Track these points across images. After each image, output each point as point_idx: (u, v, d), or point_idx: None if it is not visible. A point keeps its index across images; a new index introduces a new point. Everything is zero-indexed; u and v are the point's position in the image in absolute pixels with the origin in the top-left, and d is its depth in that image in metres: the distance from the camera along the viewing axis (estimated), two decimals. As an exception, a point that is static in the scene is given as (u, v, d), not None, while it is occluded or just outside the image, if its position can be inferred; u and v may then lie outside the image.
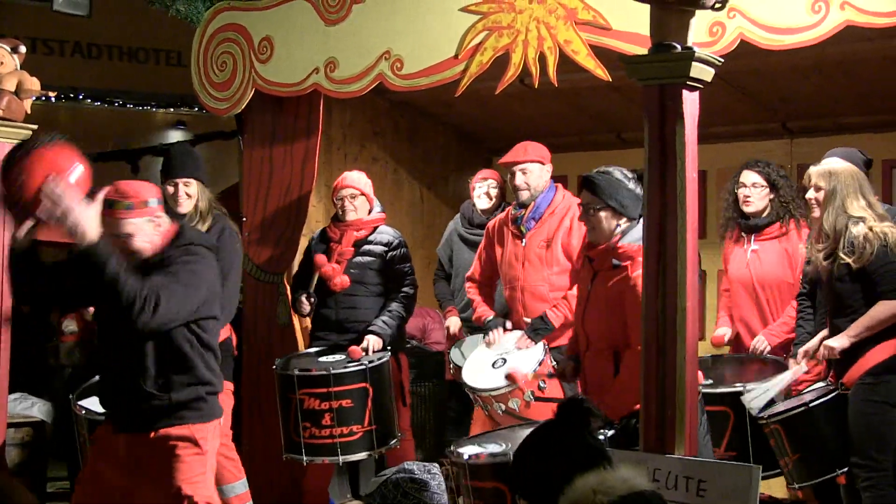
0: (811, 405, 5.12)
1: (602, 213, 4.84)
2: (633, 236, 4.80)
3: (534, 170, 6.12)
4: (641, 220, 4.81)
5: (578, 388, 5.63)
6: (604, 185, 4.85)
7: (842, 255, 4.97)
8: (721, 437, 5.45)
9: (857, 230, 4.95)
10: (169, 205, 5.89)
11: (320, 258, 6.43)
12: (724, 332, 6.26)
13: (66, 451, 7.91)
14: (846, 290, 5.00)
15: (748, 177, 6.11)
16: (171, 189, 5.91)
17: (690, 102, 4.08)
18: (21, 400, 7.85)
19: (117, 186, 4.41)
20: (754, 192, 6.07)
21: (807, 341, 5.51)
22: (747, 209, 6.10)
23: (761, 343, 5.97)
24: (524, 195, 6.12)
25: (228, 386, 5.91)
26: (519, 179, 6.13)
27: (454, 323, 6.80)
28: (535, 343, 5.74)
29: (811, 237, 5.39)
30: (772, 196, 6.08)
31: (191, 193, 5.91)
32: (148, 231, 4.37)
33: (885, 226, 4.98)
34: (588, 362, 5.03)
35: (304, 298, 6.41)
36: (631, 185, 4.85)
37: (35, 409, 8.17)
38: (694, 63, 4.02)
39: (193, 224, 5.80)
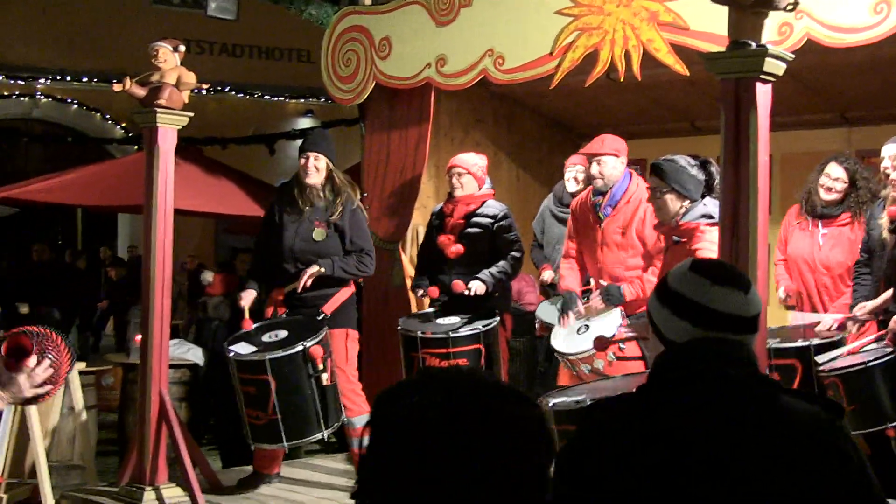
0: (869, 364, 4.94)
1: (667, 196, 4.83)
2: (692, 215, 4.79)
3: (608, 161, 5.84)
4: (703, 200, 4.72)
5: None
6: (669, 170, 4.84)
7: None
8: (790, 386, 5.31)
9: None
10: (300, 179, 5.90)
11: (440, 238, 6.38)
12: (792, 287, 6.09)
13: (215, 389, 8.05)
14: None
15: (834, 170, 5.86)
16: (303, 161, 5.87)
17: (763, 94, 3.95)
18: (179, 345, 8.00)
19: None
20: (834, 185, 5.84)
21: (862, 302, 5.36)
22: (827, 197, 5.87)
23: (825, 325, 5.73)
24: (598, 184, 5.86)
25: (355, 334, 5.95)
26: (594, 170, 5.88)
27: (547, 275, 6.71)
28: (606, 306, 5.61)
29: (882, 209, 5.16)
30: (850, 191, 5.83)
31: (319, 167, 5.87)
32: None
33: None
34: None
35: (419, 294, 6.41)
36: (693, 171, 4.82)
37: (190, 353, 8.31)
38: (767, 58, 3.88)
39: (325, 197, 5.83)
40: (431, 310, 6.39)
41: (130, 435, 6.78)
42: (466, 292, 6.08)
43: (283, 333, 5.69)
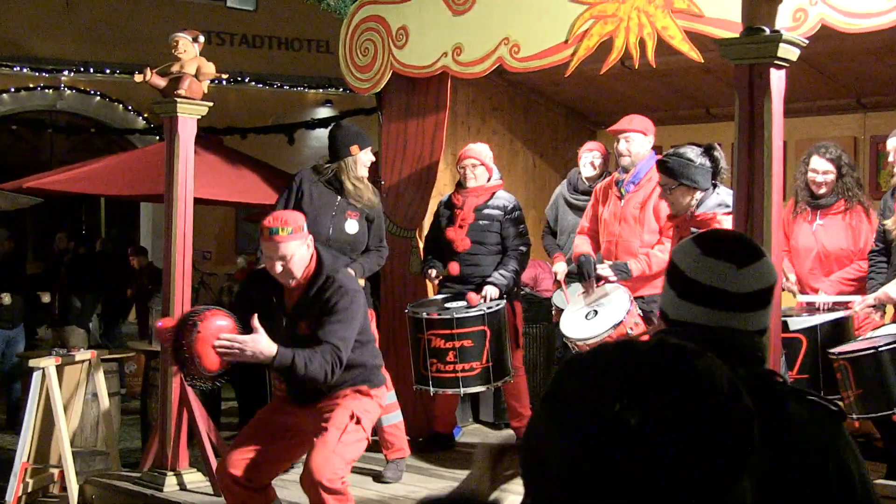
0: (880, 349, 4.90)
1: (677, 191, 4.86)
2: (707, 205, 4.81)
3: (636, 139, 5.96)
4: (715, 188, 4.70)
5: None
6: (675, 166, 4.87)
7: None
8: (795, 360, 5.28)
9: None
10: (357, 172, 5.89)
11: (449, 233, 6.38)
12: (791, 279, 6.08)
13: (236, 376, 8.04)
14: None
15: (818, 163, 5.82)
16: (365, 156, 5.93)
17: (777, 79, 3.93)
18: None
19: (275, 215, 4.46)
20: (824, 178, 5.80)
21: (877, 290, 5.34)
22: (818, 192, 5.84)
23: (822, 297, 5.74)
24: (625, 161, 5.96)
25: (373, 313, 5.98)
26: (622, 146, 5.97)
27: (560, 268, 6.76)
28: (615, 279, 5.61)
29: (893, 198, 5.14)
30: (838, 179, 5.80)
31: (370, 161, 6.03)
32: (303, 253, 4.41)
33: None
34: None
35: (433, 274, 6.40)
36: (700, 160, 4.82)
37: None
38: (781, 44, 3.86)
39: (361, 192, 5.89)
40: (441, 297, 6.39)
41: (152, 421, 6.82)
42: (482, 301, 6.07)
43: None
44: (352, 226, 5.86)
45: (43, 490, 6.40)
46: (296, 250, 4.36)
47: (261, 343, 4.15)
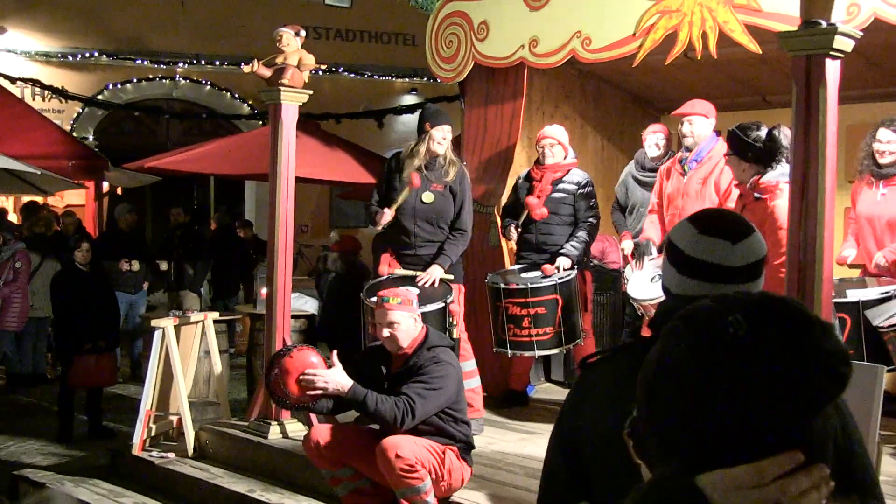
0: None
1: (730, 158, 4.94)
2: (771, 175, 4.79)
3: (698, 121, 5.94)
4: (781, 163, 4.64)
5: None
6: (731, 137, 4.94)
7: None
8: (841, 335, 5.18)
9: None
10: (430, 147, 5.81)
11: (529, 200, 6.36)
12: (849, 253, 5.94)
13: (330, 337, 8.17)
14: None
15: (884, 134, 5.71)
16: (437, 133, 5.79)
17: (833, 69, 3.86)
18: (298, 298, 8.13)
19: (390, 289, 4.66)
20: (887, 147, 5.69)
21: None
22: (882, 160, 5.72)
23: (881, 258, 5.61)
24: (688, 141, 5.94)
25: (462, 288, 5.98)
26: (686, 128, 5.95)
27: (628, 245, 6.72)
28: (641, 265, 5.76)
29: None
30: None
31: (447, 138, 5.88)
32: (409, 324, 4.50)
33: None
34: None
35: (512, 228, 6.39)
36: (757, 134, 4.76)
37: (308, 304, 8.46)
38: (837, 36, 3.79)
39: (445, 168, 5.83)
40: (517, 267, 6.41)
41: (257, 376, 6.98)
42: (556, 272, 6.06)
43: (414, 290, 5.59)
44: (428, 196, 5.83)
45: (164, 434, 6.61)
46: (402, 320, 4.47)
47: (337, 376, 4.29)
